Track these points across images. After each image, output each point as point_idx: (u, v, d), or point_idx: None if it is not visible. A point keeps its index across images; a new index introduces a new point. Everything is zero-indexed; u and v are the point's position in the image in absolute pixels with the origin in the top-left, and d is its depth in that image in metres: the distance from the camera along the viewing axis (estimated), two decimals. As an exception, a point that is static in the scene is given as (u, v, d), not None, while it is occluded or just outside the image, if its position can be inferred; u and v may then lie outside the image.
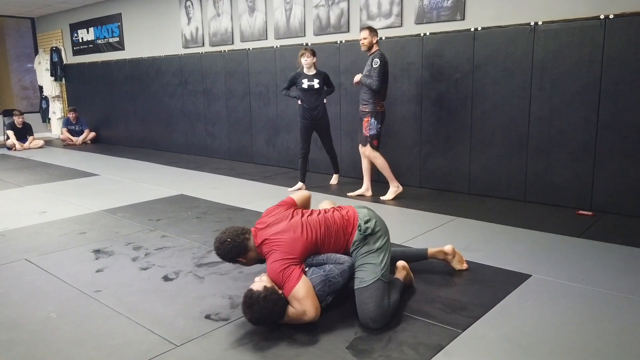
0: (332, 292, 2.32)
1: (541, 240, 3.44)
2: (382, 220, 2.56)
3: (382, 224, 2.53)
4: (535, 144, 4.41)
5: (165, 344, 2.15)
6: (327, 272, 2.32)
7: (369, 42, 4.47)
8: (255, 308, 2.15)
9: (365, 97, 4.55)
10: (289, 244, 2.32)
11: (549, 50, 4.21)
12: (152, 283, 2.82)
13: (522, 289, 2.64)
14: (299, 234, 2.36)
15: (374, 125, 4.56)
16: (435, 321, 2.29)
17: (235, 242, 2.39)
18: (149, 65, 8.33)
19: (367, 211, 2.55)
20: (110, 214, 4.34)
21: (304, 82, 5.03)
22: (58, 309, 2.52)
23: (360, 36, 4.52)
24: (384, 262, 2.38)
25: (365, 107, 4.57)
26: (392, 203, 4.55)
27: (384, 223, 2.55)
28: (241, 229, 2.45)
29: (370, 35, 4.46)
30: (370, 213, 2.54)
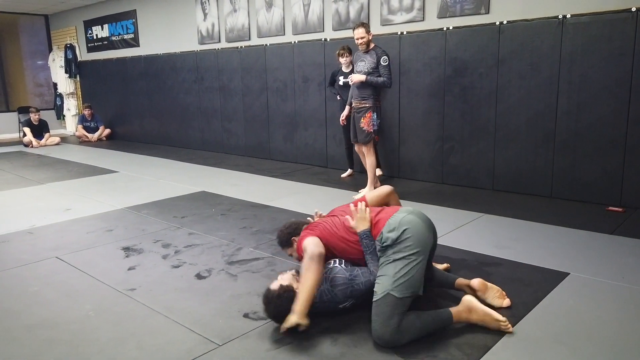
0: (352, 297, 2.29)
1: (574, 237, 3.39)
2: (424, 231, 2.25)
3: (417, 233, 2.21)
4: (562, 139, 4.35)
5: (207, 344, 2.14)
6: (353, 276, 2.29)
7: (367, 40, 4.40)
8: (271, 307, 2.20)
9: (366, 93, 4.46)
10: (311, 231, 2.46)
11: (578, 44, 4.14)
12: (185, 281, 2.81)
13: (562, 287, 2.60)
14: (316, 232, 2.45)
15: (375, 120, 4.50)
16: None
17: (293, 224, 2.60)
18: (164, 62, 8.32)
19: (404, 217, 2.27)
20: (135, 211, 4.35)
21: (341, 79, 5.24)
22: (95, 307, 2.52)
23: (357, 35, 4.40)
24: (402, 274, 2.11)
25: (366, 103, 4.49)
26: (415, 199, 4.51)
27: (424, 233, 2.24)
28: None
29: (368, 34, 4.39)
30: (406, 220, 2.26)
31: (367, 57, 4.43)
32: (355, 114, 4.60)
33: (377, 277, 2.22)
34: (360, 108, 4.53)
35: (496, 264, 2.94)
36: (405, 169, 5.47)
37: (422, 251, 2.20)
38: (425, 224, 2.30)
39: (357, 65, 4.52)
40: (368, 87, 4.43)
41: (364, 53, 4.47)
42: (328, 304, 2.29)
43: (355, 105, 4.58)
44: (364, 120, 4.51)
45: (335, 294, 2.27)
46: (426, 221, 2.35)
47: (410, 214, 2.33)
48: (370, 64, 4.40)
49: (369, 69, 4.41)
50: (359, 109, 4.54)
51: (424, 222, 2.31)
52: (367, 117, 4.49)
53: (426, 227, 2.29)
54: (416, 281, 2.14)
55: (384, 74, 4.37)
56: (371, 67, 4.40)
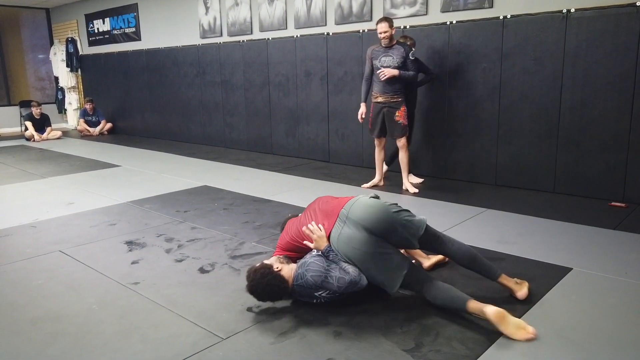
0: (323, 289, 2.28)
1: (577, 233, 3.39)
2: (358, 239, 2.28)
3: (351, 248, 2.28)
4: (565, 134, 4.34)
5: (211, 337, 2.15)
6: (328, 269, 2.29)
7: (390, 34, 4.40)
8: (251, 284, 2.30)
9: (397, 88, 4.49)
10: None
11: (582, 39, 4.12)
12: (189, 275, 2.82)
13: (564, 282, 2.61)
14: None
15: (406, 114, 4.55)
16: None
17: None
18: (165, 56, 8.30)
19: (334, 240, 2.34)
20: (138, 205, 4.35)
21: (381, 58, 4.79)
22: (99, 300, 2.52)
23: (380, 29, 4.39)
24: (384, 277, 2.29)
25: (398, 97, 4.51)
26: (417, 194, 4.51)
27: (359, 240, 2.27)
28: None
29: (391, 28, 4.39)
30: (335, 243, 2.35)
31: (394, 52, 4.43)
32: (388, 108, 4.52)
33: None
34: (393, 102, 4.50)
35: (499, 259, 2.94)
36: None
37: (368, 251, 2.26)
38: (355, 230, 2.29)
39: (382, 60, 4.47)
40: (399, 81, 4.44)
41: (386, 48, 4.46)
42: (302, 290, 2.31)
43: (385, 100, 4.51)
44: (399, 114, 4.49)
45: (307, 279, 2.28)
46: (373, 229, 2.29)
47: (339, 229, 2.34)
48: (399, 59, 4.41)
49: (397, 63, 4.40)
50: (392, 103, 4.50)
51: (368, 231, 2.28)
52: (402, 110, 4.49)
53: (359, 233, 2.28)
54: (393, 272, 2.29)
55: (413, 69, 4.43)
56: (400, 62, 4.40)
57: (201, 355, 2.01)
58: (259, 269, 2.31)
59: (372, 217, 2.30)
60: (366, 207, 2.33)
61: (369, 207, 2.34)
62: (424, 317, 2.26)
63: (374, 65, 4.55)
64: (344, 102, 5.92)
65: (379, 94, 4.55)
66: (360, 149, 5.84)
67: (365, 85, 4.67)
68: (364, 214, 2.31)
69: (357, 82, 5.72)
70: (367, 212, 2.31)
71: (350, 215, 2.33)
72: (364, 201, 2.39)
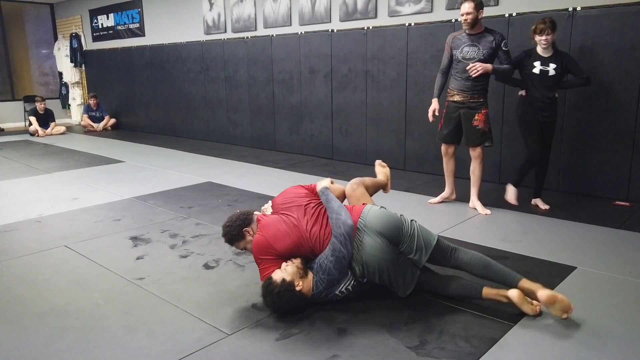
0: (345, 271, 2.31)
1: (581, 231, 3.39)
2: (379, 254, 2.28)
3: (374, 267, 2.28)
4: (570, 133, 4.33)
5: (216, 333, 2.16)
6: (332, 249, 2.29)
7: (473, 17, 3.63)
8: (268, 300, 2.24)
9: (481, 86, 3.75)
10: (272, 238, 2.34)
11: (588, 37, 4.11)
12: (193, 271, 2.83)
13: (569, 281, 2.61)
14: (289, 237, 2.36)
15: (488, 118, 3.80)
16: (485, 313, 2.27)
17: (242, 215, 2.47)
18: (169, 52, 8.30)
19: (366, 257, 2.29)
20: (142, 201, 4.36)
21: (537, 66, 3.74)
22: (104, 295, 2.54)
23: (463, 10, 3.65)
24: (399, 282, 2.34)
25: (480, 98, 3.76)
26: (422, 192, 4.50)
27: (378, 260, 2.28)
28: (246, 211, 2.53)
29: (475, 10, 3.61)
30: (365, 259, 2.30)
31: (481, 41, 3.69)
32: (466, 110, 3.80)
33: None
34: (473, 103, 3.76)
35: (503, 257, 2.94)
36: (411, 161, 5.46)
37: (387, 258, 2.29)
38: (383, 239, 2.29)
39: (464, 51, 3.73)
40: (484, 78, 3.73)
41: (471, 36, 3.71)
42: (326, 293, 2.31)
43: (463, 99, 3.78)
44: (478, 117, 3.75)
45: (331, 273, 2.26)
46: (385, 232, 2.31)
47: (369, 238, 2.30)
48: (487, 50, 3.67)
49: (485, 56, 3.67)
50: (472, 103, 3.77)
51: (382, 235, 2.30)
52: (482, 113, 3.76)
53: (384, 244, 2.29)
54: (403, 283, 2.34)
55: (507, 61, 3.71)
56: (487, 54, 3.67)
57: (206, 351, 2.02)
58: (282, 291, 2.19)
59: (384, 221, 2.33)
60: (382, 216, 2.36)
61: (384, 215, 2.37)
62: (428, 315, 2.27)
63: (454, 56, 3.77)
64: (347, 99, 5.91)
65: (457, 91, 3.82)
66: (364, 147, 5.84)
67: (442, 79, 3.93)
68: (381, 221, 2.33)
69: (361, 79, 5.73)
70: (383, 220, 2.34)
71: (369, 224, 2.32)
72: (377, 210, 2.40)
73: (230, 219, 2.49)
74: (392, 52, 5.37)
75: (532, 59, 3.80)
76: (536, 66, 3.77)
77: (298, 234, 2.35)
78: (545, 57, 3.77)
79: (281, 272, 2.26)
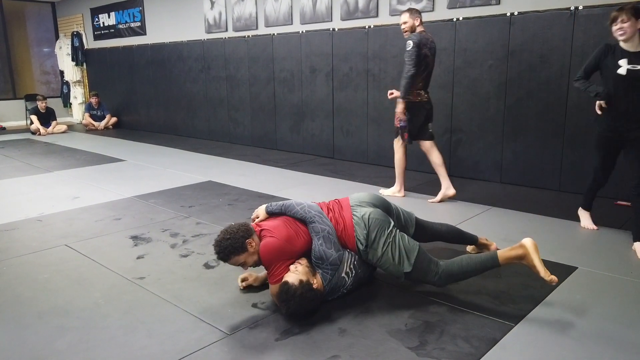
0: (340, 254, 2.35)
1: (582, 231, 3.38)
2: (377, 212, 2.44)
3: (377, 221, 2.39)
4: (571, 133, 4.32)
5: (216, 333, 2.16)
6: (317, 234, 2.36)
7: (409, 26, 3.97)
8: (291, 304, 2.17)
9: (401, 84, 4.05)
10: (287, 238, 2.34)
11: (590, 36, 4.09)
12: (194, 270, 2.83)
13: (569, 281, 2.60)
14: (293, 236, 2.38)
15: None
16: (486, 314, 2.27)
17: (242, 227, 2.35)
18: (170, 51, 8.30)
19: (361, 212, 2.43)
20: (143, 200, 4.36)
21: (624, 65, 2.95)
22: (105, 295, 2.54)
23: (400, 21, 4.05)
24: (397, 254, 2.34)
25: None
26: (422, 192, 4.50)
27: (379, 216, 2.42)
28: (244, 225, 2.38)
29: (410, 18, 3.96)
30: (365, 213, 2.42)
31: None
32: (430, 108, 4.20)
33: (384, 269, 2.41)
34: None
35: (504, 257, 2.93)
36: (411, 161, 5.44)
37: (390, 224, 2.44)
38: (377, 208, 2.50)
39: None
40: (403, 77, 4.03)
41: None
42: (335, 281, 2.33)
43: (429, 99, 4.17)
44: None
45: (333, 263, 2.32)
46: (377, 204, 2.55)
47: (364, 207, 2.48)
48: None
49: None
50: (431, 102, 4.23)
51: (375, 206, 2.52)
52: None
53: (376, 209, 2.49)
54: (408, 246, 2.37)
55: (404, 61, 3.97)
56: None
57: (207, 351, 2.02)
58: (305, 292, 2.16)
59: (373, 197, 2.59)
60: (363, 193, 2.61)
61: (365, 193, 2.62)
62: (428, 315, 2.26)
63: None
64: (349, 98, 5.91)
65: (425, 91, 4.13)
66: (365, 146, 5.84)
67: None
68: (366, 196, 2.57)
69: (362, 78, 5.72)
70: (368, 195, 2.59)
71: (359, 200, 2.53)
72: (365, 193, 2.63)
73: (228, 232, 2.30)
74: (393, 51, 5.36)
75: (616, 57, 2.96)
76: (622, 65, 2.90)
77: (304, 231, 2.40)
78: (635, 53, 2.91)
79: (294, 274, 2.23)
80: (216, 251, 2.31)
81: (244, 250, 2.29)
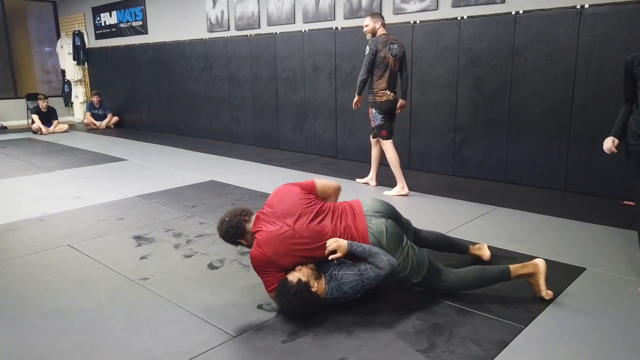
0: (363, 290, 2.27)
1: (589, 232, 3.35)
2: (392, 226, 2.35)
3: (393, 236, 2.31)
4: (577, 132, 4.28)
5: (221, 335, 2.13)
6: (362, 272, 2.22)
7: (370, 29, 4.26)
8: (284, 300, 2.18)
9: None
10: (274, 255, 2.23)
11: (596, 35, 4.06)
12: (198, 271, 2.80)
13: (579, 282, 2.57)
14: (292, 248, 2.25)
15: (376, 116, 4.34)
16: (495, 315, 2.23)
17: (232, 222, 2.36)
18: (172, 50, 8.27)
19: (377, 223, 2.32)
20: (145, 199, 4.33)
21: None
22: (108, 296, 2.51)
23: (364, 24, 4.31)
24: (410, 266, 2.31)
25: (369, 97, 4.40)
26: (426, 192, 4.47)
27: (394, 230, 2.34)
28: (241, 210, 2.43)
29: (372, 22, 4.25)
30: (381, 225, 2.32)
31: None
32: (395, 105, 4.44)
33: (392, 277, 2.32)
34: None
35: (511, 257, 2.90)
36: (415, 160, 5.42)
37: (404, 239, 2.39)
38: (389, 220, 2.39)
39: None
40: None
41: None
42: (340, 299, 2.28)
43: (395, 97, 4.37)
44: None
45: (346, 292, 2.24)
46: (390, 214, 2.44)
47: (376, 218, 2.37)
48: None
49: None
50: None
51: (388, 217, 2.41)
52: (369, 112, 4.46)
53: (391, 222, 2.39)
54: (419, 259, 2.33)
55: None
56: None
57: (212, 353, 1.99)
58: (299, 290, 2.14)
59: (385, 206, 2.47)
60: (375, 201, 2.49)
61: (382, 202, 2.49)
62: (437, 317, 2.23)
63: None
64: (352, 98, 5.81)
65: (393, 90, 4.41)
66: (368, 145, 5.78)
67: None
68: (379, 205, 2.45)
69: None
70: (379, 203, 2.48)
71: (372, 211, 2.41)
72: (375, 200, 2.52)
73: (229, 215, 2.39)
74: (397, 50, 5.32)
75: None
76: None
77: (299, 250, 2.25)
78: None
79: (297, 273, 2.21)
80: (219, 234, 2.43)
81: (245, 233, 2.39)
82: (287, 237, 2.24)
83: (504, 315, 2.24)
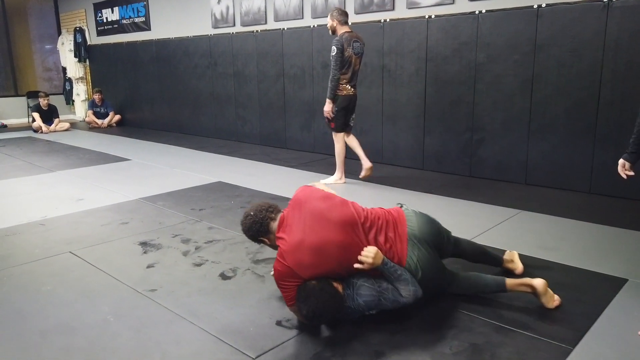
0: (377, 309, 2.11)
1: (623, 238, 3.15)
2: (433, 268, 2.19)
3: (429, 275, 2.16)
4: (603, 132, 4.08)
5: (238, 356, 1.94)
6: (382, 291, 2.08)
7: (330, 27, 4.43)
8: (311, 300, 1.97)
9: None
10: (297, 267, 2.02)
11: (625, 29, 3.85)
12: (209, 281, 2.61)
13: (622, 295, 2.38)
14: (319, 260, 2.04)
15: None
16: (538, 334, 2.04)
17: (257, 217, 2.18)
18: (176, 46, 8.07)
19: (418, 258, 2.14)
20: (150, 202, 4.14)
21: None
22: (114, 310, 2.32)
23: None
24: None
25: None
26: (443, 194, 4.27)
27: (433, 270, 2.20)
28: (268, 205, 2.24)
29: (330, 20, 4.40)
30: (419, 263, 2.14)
31: None
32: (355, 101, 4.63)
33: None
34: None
35: (545, 267, 2.70)
36: (430, 160, 5.22)
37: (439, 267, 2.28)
38: (431, 255, 2.21)
39: None
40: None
41: None
42: (351, 312, 2.10)
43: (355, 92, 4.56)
44: None
45: (359, 304, 2.08)
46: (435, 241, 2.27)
47: (421, 250, 2.17)
48: None
49: None
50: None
51: (431, 247, 2.22)
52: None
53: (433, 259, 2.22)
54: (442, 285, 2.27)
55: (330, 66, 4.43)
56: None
57: (230, 378, 1.81)
58: (325, 287, 1.98)
59: (431, 229, 2.25)
60: (419, 218, 2.28)
61: (428, 222, 2.29)
62: (474, 336, 2.04)
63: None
64: (363, 96, 5.65)
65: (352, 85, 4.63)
66: (380, 145, 5.61)
67: None
68: (425, 227, 2.24)
69: (377, 74, 5.49)
70: (426, 225, 2.26)
71: (418, 234, 2.19)
72: (420, 216, 2.30)
73: (254, 210, 2.22)
74: (410, 45, 5.13)
75: None
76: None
77: (327, 264, 2.06)
78: None
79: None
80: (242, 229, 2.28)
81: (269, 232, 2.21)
82: (313, 248, 2.05)
83: (548, 334, 2.04)
